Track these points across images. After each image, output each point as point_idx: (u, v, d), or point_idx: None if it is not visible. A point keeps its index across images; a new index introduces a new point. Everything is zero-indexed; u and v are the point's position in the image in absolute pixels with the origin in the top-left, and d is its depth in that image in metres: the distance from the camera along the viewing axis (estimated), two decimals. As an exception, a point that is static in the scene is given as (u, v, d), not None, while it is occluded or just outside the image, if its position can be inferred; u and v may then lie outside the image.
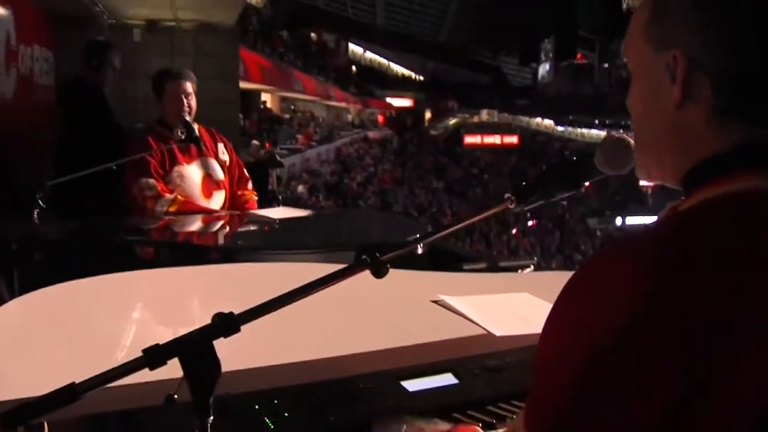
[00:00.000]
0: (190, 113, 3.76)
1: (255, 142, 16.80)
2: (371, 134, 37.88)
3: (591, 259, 0.85)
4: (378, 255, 1.13)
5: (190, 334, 0.99)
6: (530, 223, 32.41)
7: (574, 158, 1.23)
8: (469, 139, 41.88)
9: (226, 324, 1.02)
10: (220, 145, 3.96)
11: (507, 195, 1.25)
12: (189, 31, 7.25)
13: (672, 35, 0.90)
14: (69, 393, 0.93)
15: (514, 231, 30.44)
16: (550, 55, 35.18)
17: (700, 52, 0.87)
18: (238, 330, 1.02)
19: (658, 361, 0.73)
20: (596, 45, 29.97)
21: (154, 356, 0.97)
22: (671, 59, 0.89)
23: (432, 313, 1.89)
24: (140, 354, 0.97)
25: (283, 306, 1.08)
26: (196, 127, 3.80)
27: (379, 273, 1.13)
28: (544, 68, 36.73)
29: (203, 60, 7.13)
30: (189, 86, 3.77)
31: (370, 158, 32.54)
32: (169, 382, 1.00)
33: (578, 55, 33.35)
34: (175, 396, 0.98)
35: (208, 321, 1.03)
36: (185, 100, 3.73)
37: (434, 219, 26.89)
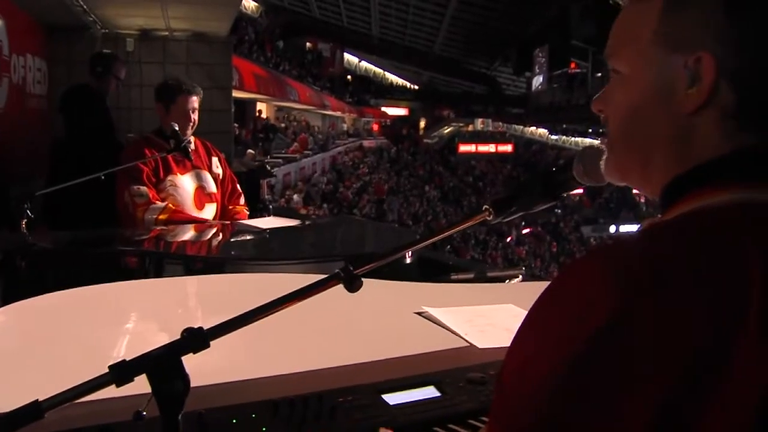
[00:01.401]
0: (192, 127, 3.78)
1: (250, 151, 16.80)
2: (366, 143, 37.90)
3: (563, 269, 0.82)
4: (351, 268, 1.12)
5: (158, 349, 0.98)
6: (525, 231, 32.44)
7: (553, 169, 1.22)
8: (464, 148, 41.94)
9: (196, 340, 1.00)
10: (215, 159, 3.97)
11: (485, 206, 1.23)
12: (182, 41, 7.27)
13: (695, 34, 0.84)
14: (33, 410, 0.91)
15: (509, 239, 30.47)
16: (544, 64, 35.25)
17: (727, 54, 0.82)
18: (207, 346, 1.00)
19: (638, 366, 0.71)
20: (589, 54, 30.03)
21: (120, 373, 0.95)
22: (693, 61, 0.84)
23: (415, 325, 1.88)
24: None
25: (254, 321, 1.06)
26: (192, 139, 3.82)
27: (352, 287, 1.11)
28: (537, 77, 36.77)
29: (196, 69, 7.15)
30: (197, 102, 3.81)
31: (365, 167, 32.54)
32: (142, 397, 0.99)
33: (572, 64, 33.41)
34: (144, 413, 0.96)
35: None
36: (192, 116, 3.75)
37: (429, 228, 26.90)
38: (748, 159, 0.83)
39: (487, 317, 1.91)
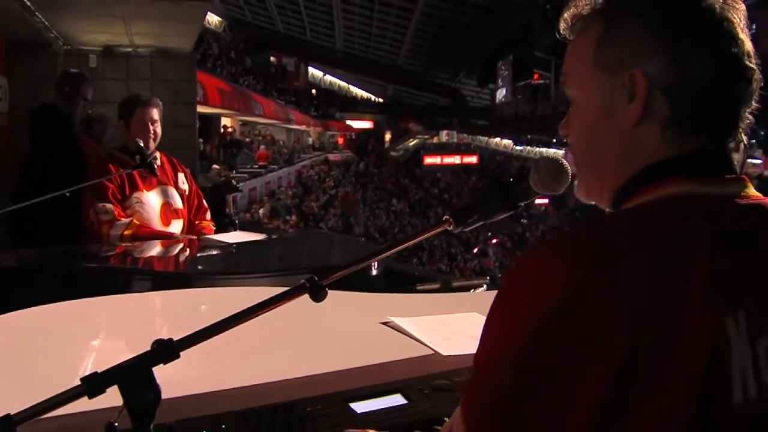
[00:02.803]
0: (155, 140, 3.77)
1: (215, 166, 16.76)
2: (332, 156, 37.92)
3: (523, 254, 0.88)
4: (316, 279, 1.15)
5: (129, 361, 1.00)
6: (493, 241, 32.57)
7: (510, 179, 1.26)
8: (429, 160, 42.09)
9: (166, 350, 1.02)
10: (181, 175, 3.97)
11: (445, 216, 1.27)
12: (145, 57, 7.26)
13: (628, 56, 0.94)
14: (4, 425, 0.93)
15: (475, 250, 30.58)
16: (507, 76, 35.61)
17: (657, 71, 0.92)
18: (177, 356, 1.02)
19: (591, 344, 0.78)
20: (552, 65, 30.38)
21: (92, 384, 0.97)
22: (628, 79, 0.93)
23: (380, 335, 1.90)
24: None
25: (223, 331, 1.08)
26: (158, 155, 3.82)
27: (317, 297, 1.14)
28: (501, 89, 37.13)
29: (160, 85, 7.13)
30: (156, 113, 3.78)
31: (331, 180, 32.54)
32: (113, 409, 1.00)
33: (535, 75, 33.79)
34: (116, 424, 0.98)
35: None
36: (151, 127, 3.74)
37: (396, 240, 26.90)
38: (692, 158, 0.93)
39: (451, 326, 1.94)
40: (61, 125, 4.79)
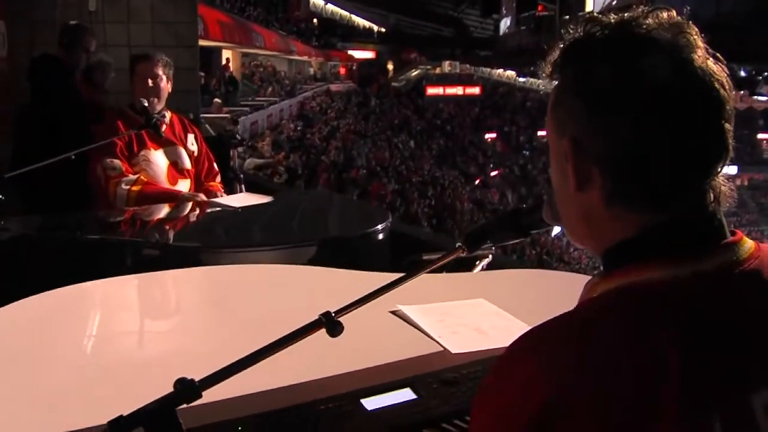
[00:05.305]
0: (158, 96, 3.76)
1: (217, 100, 16.66)
2: (333, 87, 37.57)
3: (505, 353, 0.89)
4: (332, 314, 1.18)
5: (153, 403, 1.03)
6: (493, 173, 32.59)
7: (523, 206, 1.28)
8: (432, 90, 41.76)
9: (188, 391, 1.06)
10: (191, 135, 3.98)
11: (458, 244, 1.29)
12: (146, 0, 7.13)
13: (564, 122, 0.93)
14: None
15: (477, 181, 30.61)
16: (512, 6, 35.12)
17: (584, 139, 0.90)
18: (199, 396, 1.06)
19: None
20: (557, -4, 30.05)
21: (117, 427, 1.01)
22: (564, 145, 0.93)
23: (390, 328, 1.93)
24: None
25: (246, 368, 1.12)
26: (168, 114, 3.82)
27: (333, 331, 1.17)
28: (505, 20, 36.66)
29: (161, 29, 7.04)
30: (159, 69, 3.78)
31: (333, 112, 32.31)
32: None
33: (539, 7, 33.32)
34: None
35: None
36: (151, 82, 3.73)
37: (398, 172, 26.88)
38: (650, 238, 0.90)
39: (459, 315, 1.98)
40: (61, 77, 4.76)
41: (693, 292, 0.86)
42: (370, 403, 1.55)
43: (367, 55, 44.00)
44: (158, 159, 3.78)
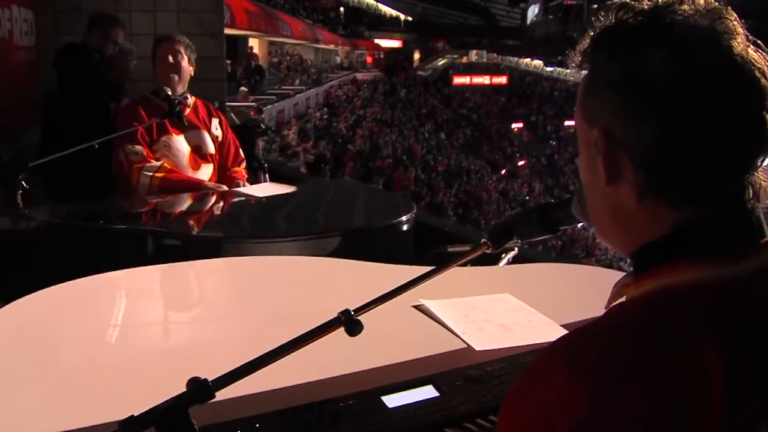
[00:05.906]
0: (177, 72, 3.74)
1: (243, 89, 16.71)
2: (360, 76, 37.55)
3: (534, 365, 0.83)
4: (352, 312, 1.14)
5: (166, 403, 1.01)
6: (520, 163, 32.42)
7: (551, 201, 1.24)
8: (458, 80, 41.65)
9: (201, 391, 1.03)
10: (215, 120, 3.97)
11: (483, 240, 1.25)
12: (172, -12, 7.12)
13: (597, 112, 0.88)
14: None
15: (503, 171, 30.49)
16: (540, -5, 34.95)
17: (615, 129, 0.85)
18: (213, 396, 1.04)
19: None
20: (586, -15, 29.75)
21: (129, 428, 0.98)
22: (595, 135, 0.88)
23: (413, 323, 1.89)
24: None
25: (259, 369, 1.09)
26: (191, 98, 3.81)
27: (352, 331, 1.14)
28: (533, 9, 36.41)
29: (187, 17, 7.02)
30: (179, 47, 3.76)
31: (359, 100, 32.28)
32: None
33: (567, -5, 33.14)
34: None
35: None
36: (171, 59, 3.71)
37: (425, 162, 26.84)
38: (685, 236, 0.84)
39: (484, 310, 1.93)
40: (87, 66, 4.77)
41: (735, 295, 0.80)
42: (391, 400, 1.51)
43: (394, 44, 43.95)
44: (180, 144, 3.76)
